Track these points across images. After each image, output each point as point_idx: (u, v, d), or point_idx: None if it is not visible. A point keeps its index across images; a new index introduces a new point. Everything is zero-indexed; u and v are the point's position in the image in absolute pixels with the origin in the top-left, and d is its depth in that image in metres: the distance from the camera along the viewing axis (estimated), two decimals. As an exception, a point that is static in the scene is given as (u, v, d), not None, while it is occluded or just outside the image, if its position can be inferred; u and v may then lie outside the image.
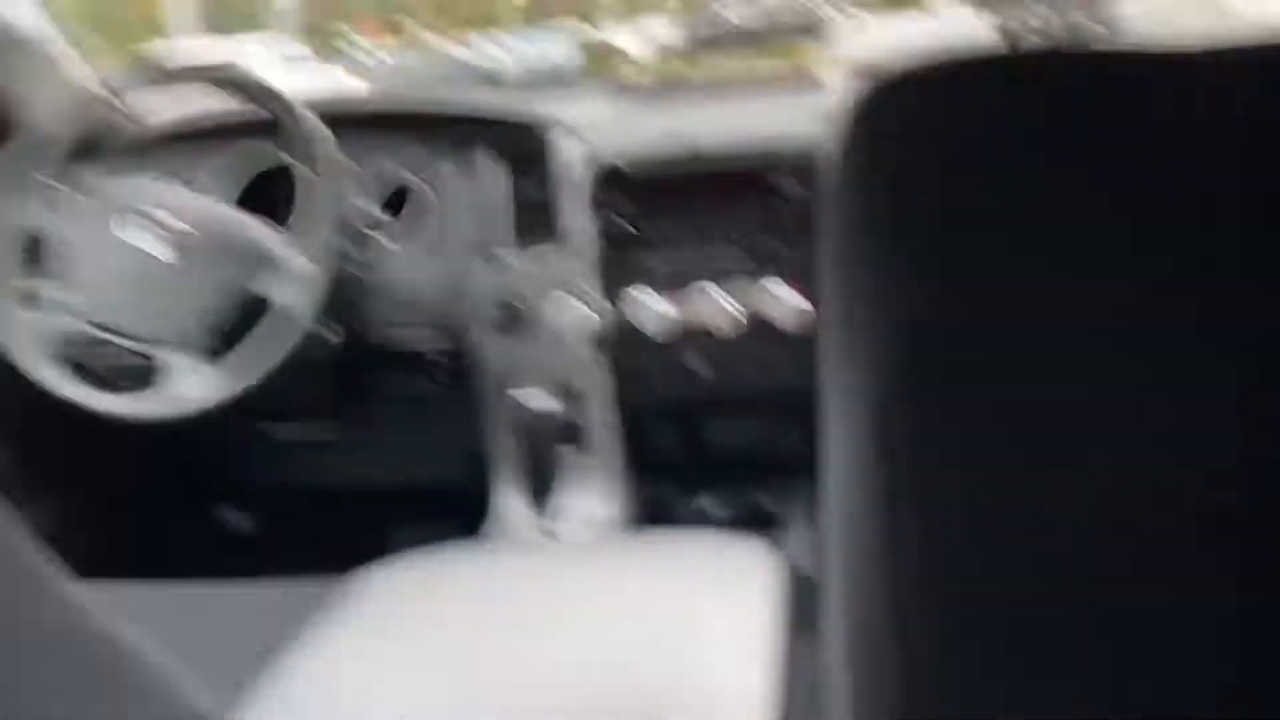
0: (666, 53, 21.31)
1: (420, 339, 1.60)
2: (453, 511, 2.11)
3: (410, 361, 1.61)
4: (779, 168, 1.46)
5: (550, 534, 1.43)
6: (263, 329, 1.42)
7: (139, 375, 1.50)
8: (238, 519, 2.02)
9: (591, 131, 1.57)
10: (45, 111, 1.62)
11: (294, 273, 1.36)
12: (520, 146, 1.56)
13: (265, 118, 1.48)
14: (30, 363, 1.38)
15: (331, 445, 1.74)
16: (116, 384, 1.44)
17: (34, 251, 1.42)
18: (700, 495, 1.61)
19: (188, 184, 1.57)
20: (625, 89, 2.05)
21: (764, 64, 18.45)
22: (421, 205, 1.57)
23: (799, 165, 1.45)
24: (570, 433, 1.52)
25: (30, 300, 1.41)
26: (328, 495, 1.97)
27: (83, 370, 1.52)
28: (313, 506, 2.08)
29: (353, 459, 1.86)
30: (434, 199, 1.58)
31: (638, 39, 22.34)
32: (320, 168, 1.36)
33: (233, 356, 1.38)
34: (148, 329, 1.36)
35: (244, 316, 1.39)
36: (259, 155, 1.60)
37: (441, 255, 1.57)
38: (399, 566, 1.07)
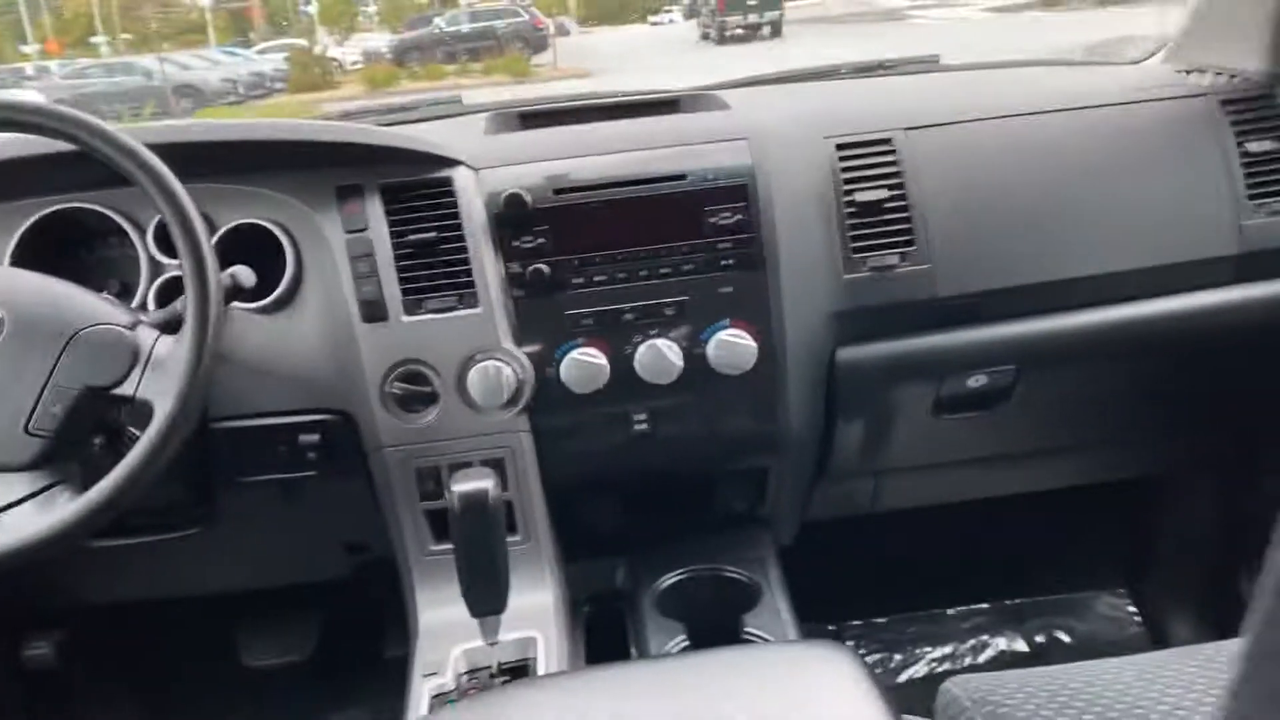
0: (374, 58, 21.00)
1: (291, 418, 1.32)
2: (334, 616, 1.82)
3: (277, 444, 1.32)
4: (708, 195, 1.31)
5: (494, 638, 1.20)
6: (120, 435, 1.11)
7: None
8: (49, 653, 1.63)
9: (481, 158, 1.34)
10: None
11: (156, 360, 1.06)
12: (407, 182, 1.31)
13: (47, 161, 1.17)
14: None
15: (177, 550, 1.41)
16: None
17: None
18: (651, 569, 1.43)
19: None
20: (493, 115, 1.77)
21: (477, 68, 18.57)
22: (290, 260, 1.29)
23: (730, 192, 1.31)
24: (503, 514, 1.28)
25: None
26: (165, 610, 1.62)
27: None
28: (146, 626, 1.71)
29: (204, 564, 1.53)
30: (305, 251, 1.30)
31: (349, 49, 21.84)
32: (173, 220, 1.06)
33: (83, 474, 1.06)
34: None
35: (93, 420, 1.07)
36: (62, 208, 1.27)
37: (318, 320, 1.30)
38: None
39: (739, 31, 20.45)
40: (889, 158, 1.36)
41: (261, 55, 22.58)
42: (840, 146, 1.36)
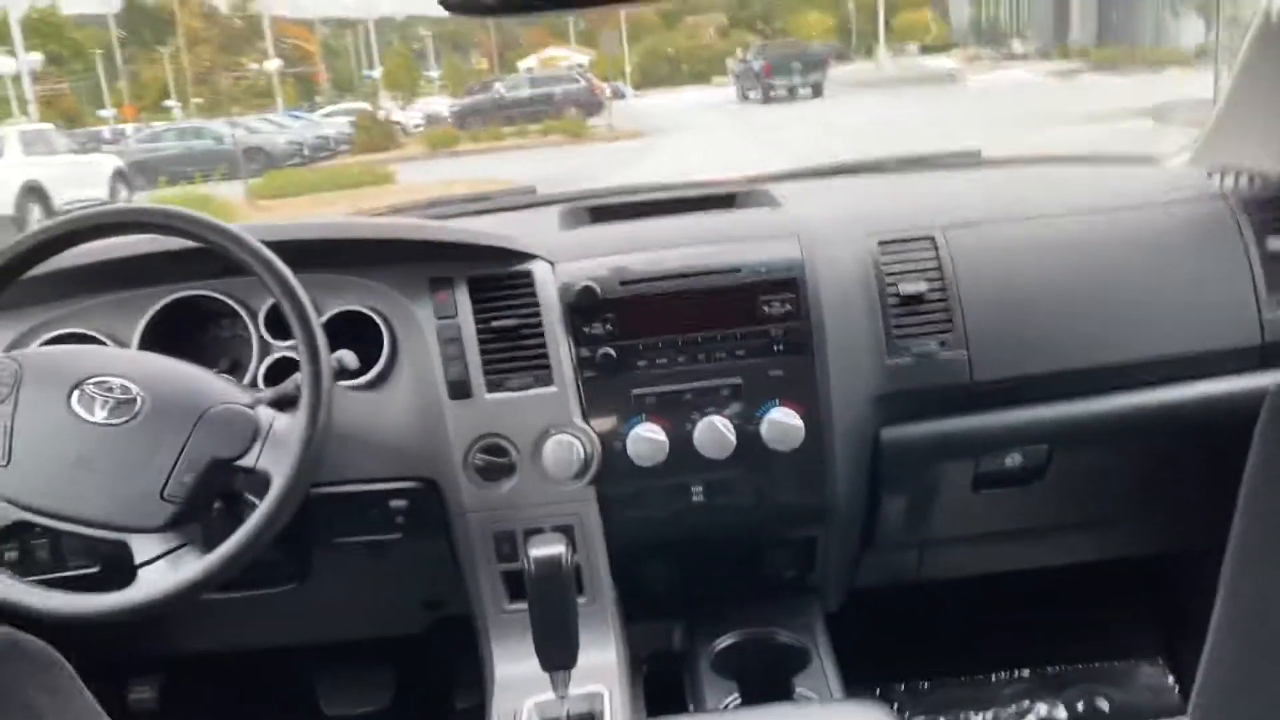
0: (436, 121, 21.71)
1: (383, 485, 1.46)
2: (409, 668, 1.94)
3: (369, 509, 1.46)
4: (761, 287, 1.44)
5: (564, 691, 1.31)
6: (239, 501, 1.25)
7: (101, 565, 1.29)
8: (152, 697, 1.77)
9: (557, 252, 1.49)
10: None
11: (274, 435, 1.21)
12: (492, 275, 1.46)
13: (171, 255, 1.33)
14: None
15: (270, 604, 1.55)
16: (74, 578, 1.23)
17: None
18: (706, 631, 1.54)
19: (115, 340, 1.39)
20: (565, 209, 1.95)
21: (535, 129, 19.16)
22: (386, 343, 1.43)
23: (781, 284, 1.44)
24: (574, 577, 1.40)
25: None
26: (253, 659, 1.76)
27: (28, 564, 1.30)
28: (236, 674, 1.85)
29: (293, 617, 1.66)
30: (399, 335, 1.45)
31: (412, 113, 22.58)
32: (289, 309, 1.21)
33: (204, 535, 1.20)
34: (102, 510, 1.16)
35: (216, 487, 1.21)
36: (184, 295, 1.43)
37: (410, 396, 1.44)
38: None
39: (782, 93, 21.23)
40: (929, 254, 1.48)
41: (326, 118, 23.41)
42: (883, 243, 1.48)
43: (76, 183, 13.81)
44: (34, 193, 12.92)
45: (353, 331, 1.42)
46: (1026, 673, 2.04)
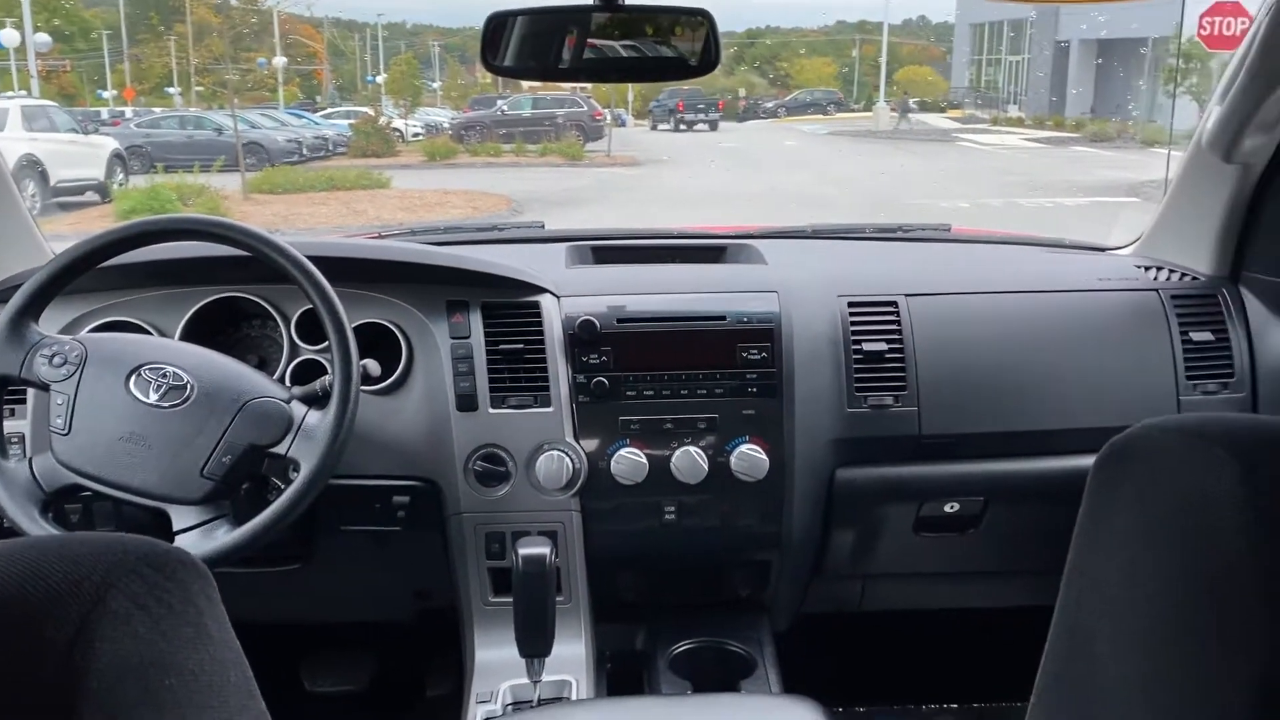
0: (435, 131, 21.88)
1: (388, 481, 1.62)
2: (389, 654, 2.10)
3: (374, 502, 1.62)
4: (741, 335, 1.62)
5: (538, 676, 1.47)
6: (265, 484, 1.41)
7: (127, 531, 1.44)
8: None
9: (563, 287, 1.67)
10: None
11: (306, 428, 1.37)
12: (502, 301, 1.63)
13: (215, 260, 1.49)
14: (14, 513, 1.31)
15: (273, 582, 1.69)
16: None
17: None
18: (666, 636, 1.71)
19: (158, 331, 1.55)
20: (571, 247, 2.13)
21: (533, 149, 19.42)
22: (404, 354, 1.60)
23: (759, 334, 1.62)
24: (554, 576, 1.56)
25: (9, 449, 1.36)
26: (244, 632, 1.90)
27: (65, 525, 1.45)
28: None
29: (291, 595, 1.81)
30: (416, 349, 1.61)
31: (412, 121, 22.72)
32: (326, 318, 1.37)
33: (233, 512, 1.36)
34: (148, 481, 1.32)
35: (248, 470, 1.37)
36: (225, 296, 1.59)
37: (420, 404, 1.60)
38: None
39: (683, 126, 24.92)
40: (892, 317, 1.66)
41: (326, 119, 23.55)
42: (852, 304, 1.67)
43: (75, 162, 13.89)
44: (31, 167, 12.98)
45: (372, 342, 1.59)
46: (955, 706, 2.21)
